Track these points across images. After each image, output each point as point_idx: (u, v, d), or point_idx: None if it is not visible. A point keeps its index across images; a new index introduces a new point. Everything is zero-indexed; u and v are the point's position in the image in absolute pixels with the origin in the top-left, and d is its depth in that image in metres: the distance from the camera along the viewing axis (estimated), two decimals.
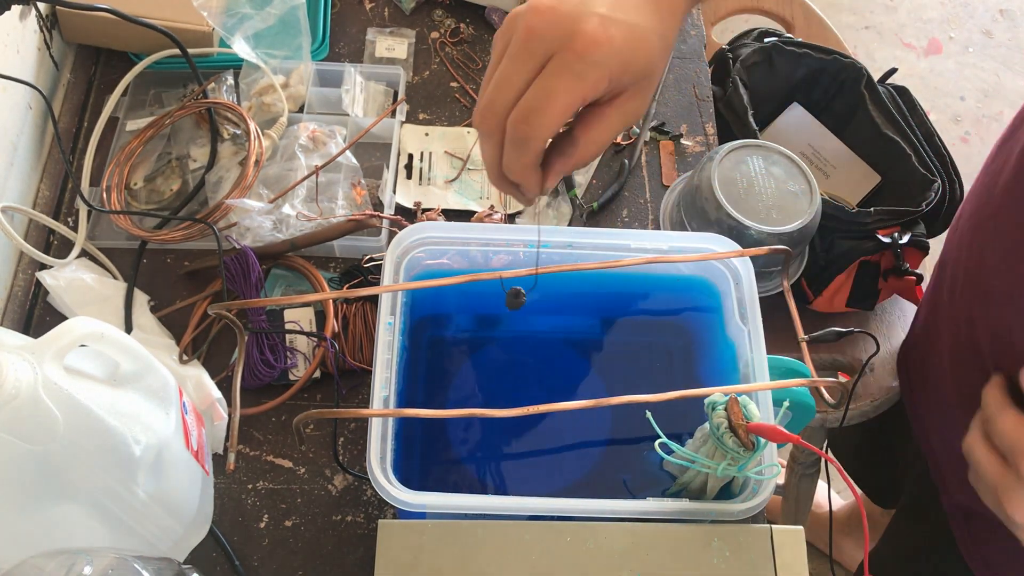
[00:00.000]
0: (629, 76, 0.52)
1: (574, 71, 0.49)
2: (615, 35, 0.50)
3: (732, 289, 0.77)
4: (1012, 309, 0.78)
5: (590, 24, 0.49)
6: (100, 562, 0.53)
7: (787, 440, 0.63)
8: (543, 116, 0.50)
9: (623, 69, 0.51)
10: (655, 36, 0.52)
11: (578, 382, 0.83)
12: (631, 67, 0.51)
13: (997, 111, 2.39)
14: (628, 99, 0.54)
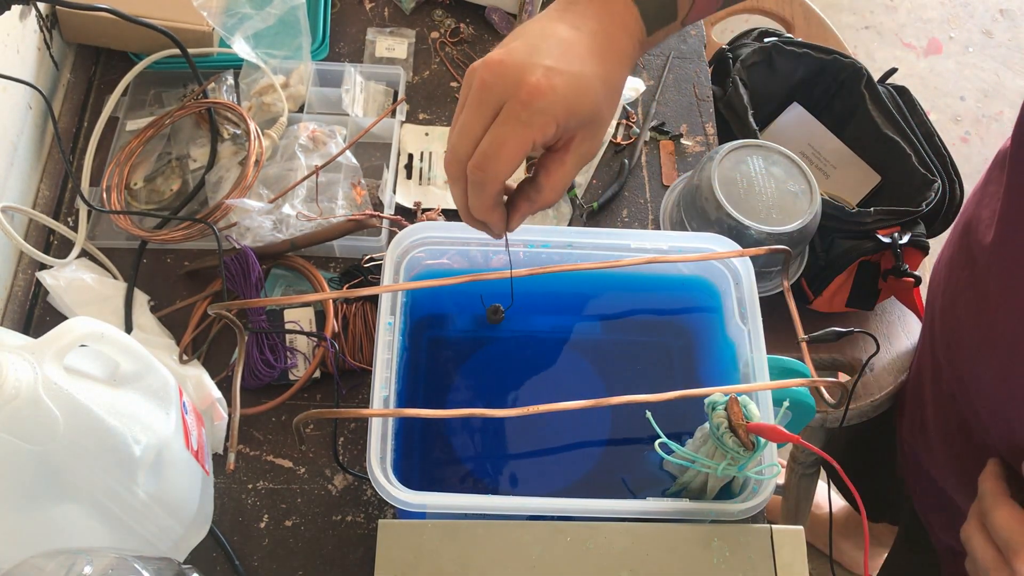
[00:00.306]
0: (576, 120, 0.56)
1: (521, 119, 0.54)
2: (558, 84, 0.54)
3: (732, 289, 0.77)
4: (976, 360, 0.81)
5: (534, 75, 0.54)
6: (100, 562, 0.53)
7: (787, 440, 0.63)
8: (496, 162, 0.55)
9: (569, 114, 0.55)
10: (599, 82, 0.56)
11: (578, 382, 0.83)
12: (577, 113, 0.55)
13: (997, 111, 2.39)
14: (580, 142, 0.58)
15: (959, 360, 0.86)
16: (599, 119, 0.58)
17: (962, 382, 0.86)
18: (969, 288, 0.83)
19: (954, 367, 0.88)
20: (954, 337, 0.87)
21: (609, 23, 0.58)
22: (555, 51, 0.55)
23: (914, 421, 1.04)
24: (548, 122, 0.54)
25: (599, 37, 0.57)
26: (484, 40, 1.12)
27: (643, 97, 1.08)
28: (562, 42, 0.56)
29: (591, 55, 0.56)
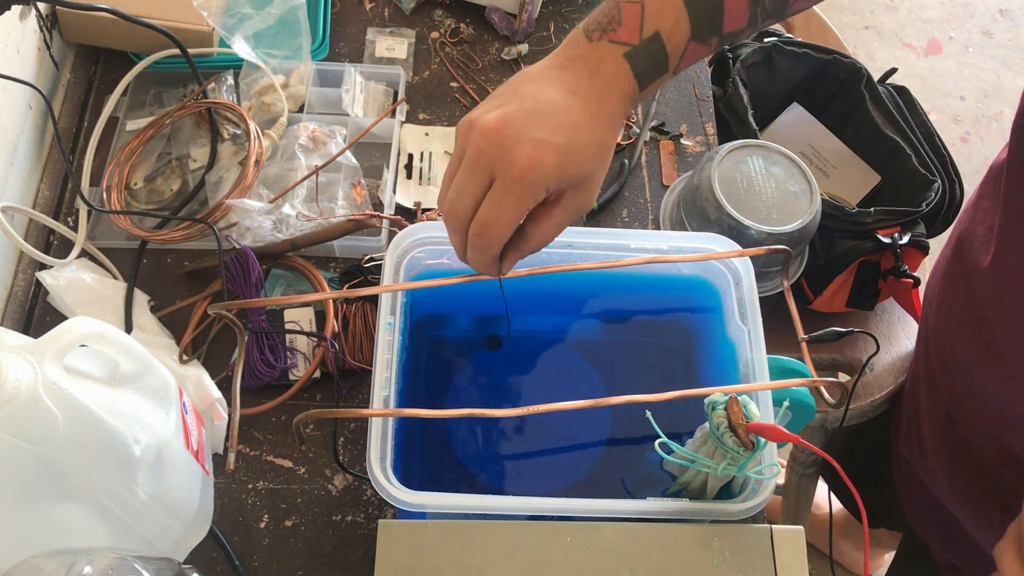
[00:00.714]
0: (566, 183, 0.59)
1: (513, 194, 0.57)
2: (547, 158, 0.57)
3: (732, 289, 0.77)
4: (972, 379, 0.81)
5: (524, 152, 0.57)
6: (100, 562, 0.53)
7: (787, 440, 0.63)
8: (494, 230, 0.59)
9: (559, 180, 0.58)
10: (589, 148, 0.59)
11: (578, 382, 0.83)
12: (567, 178, 0.59)
13: (997, 111, 2.39)
14: (571, 198, 0.61)
15: (955, 378, 0.86)
16: (589, 179, 0.61)
17: (958, 400, 0.86)
18: (965, 306, 0.83)
19: (950, 385, 0.87)
20: (950, 354, 0.87)
21: (602, 84, 0.60)
22: (547, 121, 0.58)
23: (911, 436, 1.03)
24: (539, 191, 0.58)
25: (592, 100, 0.59)
26: (484, 40, 1.12)
27: None
28: (556, 109, 0.58)
29: (583, 121, 0.59)
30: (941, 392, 0.90)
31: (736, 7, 0.61)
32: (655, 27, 0.60)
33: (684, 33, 0.60)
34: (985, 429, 0.83)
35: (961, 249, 0.85)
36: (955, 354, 0.85)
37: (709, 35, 0.61)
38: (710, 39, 0.62)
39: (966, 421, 0.86)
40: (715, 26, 0.61)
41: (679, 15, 0.60)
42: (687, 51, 0.61)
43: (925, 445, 0.97)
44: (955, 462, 0.90)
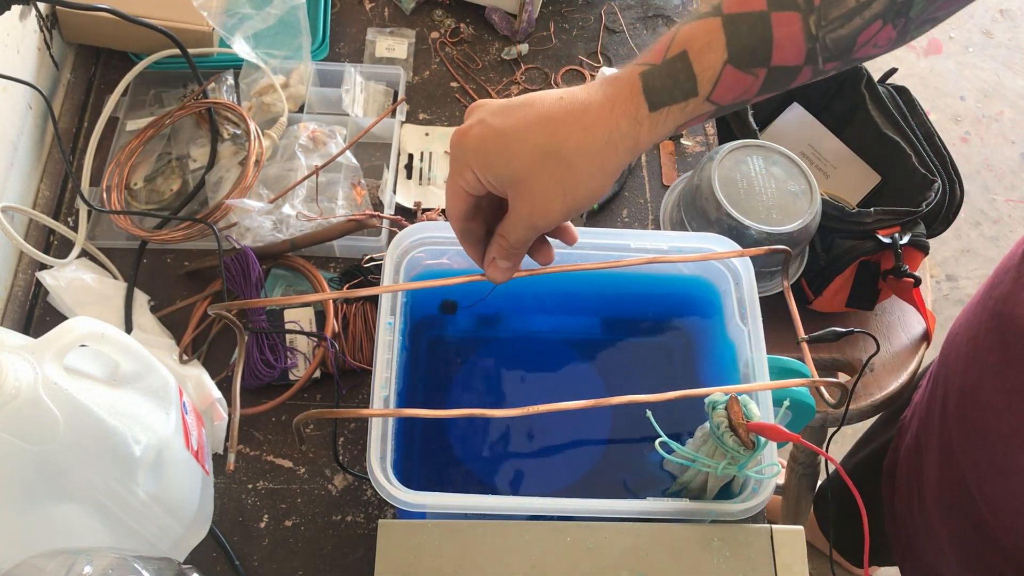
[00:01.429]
0: (493, 177, 0.56)
1: (450, 172, 0.58)
2: (472, 135, 0.56)
3: (732, 289, 0.77)
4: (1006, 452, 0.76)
5: (466, 123, 0.57)
6: (100, 562, 0.53)
7: (787, 439, 0.63)
8: (447, 203, 0.60)
9: (482, 167, 0.56)
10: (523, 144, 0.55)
11: (578, 382, 0.83)
12: (490, 168, 0.56)
13: (997, 111, 2.39)
14: (513, 203, 0.57)
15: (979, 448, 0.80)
16: (525, 186, 0.55)
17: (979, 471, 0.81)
18: (998, 375, 0.76)
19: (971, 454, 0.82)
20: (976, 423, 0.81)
21: (599, 96, 0.55)
22: (510, 110, 0.56)
23: (911, 493, 0.98)
24: (463, 169, 0.57)
25: (571, 108, 0.55)
26: (484, 40, 1.12)
27: None
28: (527, 103, 0.56)
29: (540, 120, 0.55)
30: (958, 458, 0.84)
31: (788, 39, 0.54)
32: (683, 46, 0.55)
33: (718, 54, 0.54)
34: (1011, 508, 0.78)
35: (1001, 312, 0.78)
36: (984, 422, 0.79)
37: (752, 63, 0.55)
38: (754, 67, 0.55)
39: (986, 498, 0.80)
40: (761, 55, 0.54)
41: (713, 35, 0.54)
42: (723, 75, 0.55)
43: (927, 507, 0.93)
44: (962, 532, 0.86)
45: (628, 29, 1.15)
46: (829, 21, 0.54)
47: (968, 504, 0.83)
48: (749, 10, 0.54)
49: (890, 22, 0.55)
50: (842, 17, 0.54)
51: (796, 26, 0.54)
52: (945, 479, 0.88)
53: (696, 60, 0.54)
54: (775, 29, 0.54)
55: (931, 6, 0.55)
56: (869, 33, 0.55)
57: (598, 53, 1.12)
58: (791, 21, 0.54)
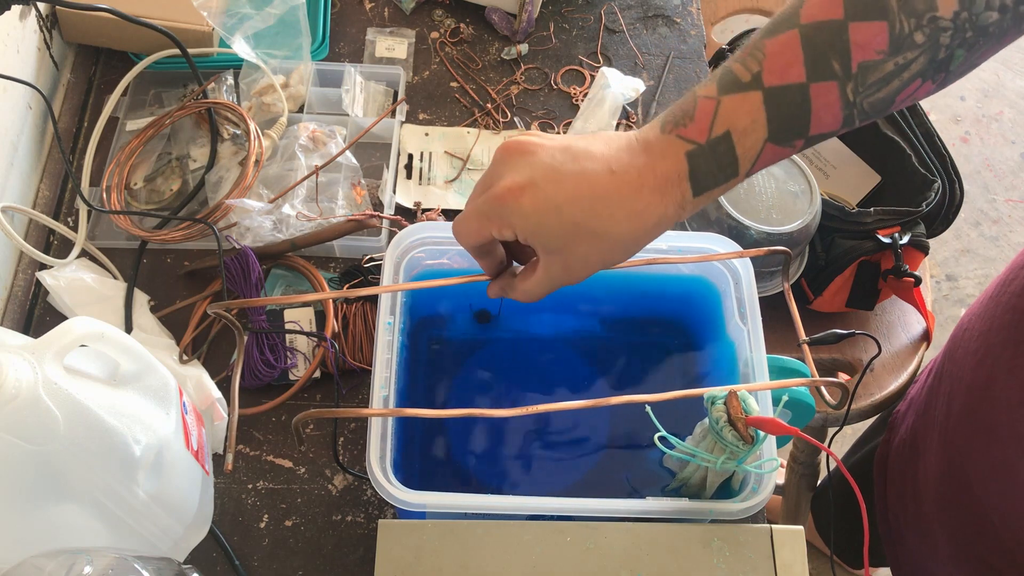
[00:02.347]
0: (540, 241, 0.56)
1: (480, 210, 0.57)
2: (525, 204, 0.55)
3: (732, 289, 0.77)
4: (1017, 450, 0.75)
5: (510, 179, 0.55)
6: (100, 562, 0.53)
7: (786, 432, 0.62)
8: (458, 231, 0.59)
9: (528, 233, 0.56)
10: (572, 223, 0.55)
11: (578, 382, 0.83)
12: (537, 236, 0.56)
13: (997, 111, 2.39)
14: (548, 265, 0.58)
15: (987, 446, 0.79)
16: (566, 254, 0.56)
17: (986, 470, 0.79)
18: (1011, 371, 0.76)
19: (978, 452, 0.80)
20: (985, 420, 0.79)
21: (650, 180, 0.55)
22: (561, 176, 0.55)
23: (904, 489, 0.97)
24: (504, 226, 0.56)
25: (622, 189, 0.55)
26: (484, 40, 1.12)
27: (643, 97, 1.08)
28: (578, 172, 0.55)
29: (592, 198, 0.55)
30: (962, 461, 0.83)
31: (827, 109, 0.54)
32: (726, 126, 0.54)
33: (759, 134, 0.54)
34: (1018, 508, 0.76)
35: (1016, 308, 0.77)
36: (996, 419, 0.78)
37: (791, 137, 0.55)
38: (793, 141, 0.55)
39: (992, 497, 0.79)
40: (799, 128, 0.55)
41: (756, 115, 0.54)
42: (763, 154, 0.55)
43: (923, 504, 0.92)
44: (962, 531, 0.85)
45: (628, 29, 1.15)
46: (867, 87, 0.53)
47: (970, 502, 0.83)
48: (789, 83, 0.53)
49: (930, 78, 0.54)
50: (880, 81, 0.53)
51: (834, 95, 0.53)
52: (946, 477, 0.87)
53: (739, 142, 0.54)
54: (814, 100, 0.53)
55: (972, 56, 0.53)
56: (908, 92, 0.54)
57: (598, 53, 1.12)
58: (829, 91, 0.53)
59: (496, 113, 1.06)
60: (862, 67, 0.52)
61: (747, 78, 0.54)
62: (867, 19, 0.52)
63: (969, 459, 0.82)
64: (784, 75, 0.53)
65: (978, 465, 0.81)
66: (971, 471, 0.82)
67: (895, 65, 0.53)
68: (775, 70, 0.53)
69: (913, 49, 0.52)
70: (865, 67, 0.53)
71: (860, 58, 0.52)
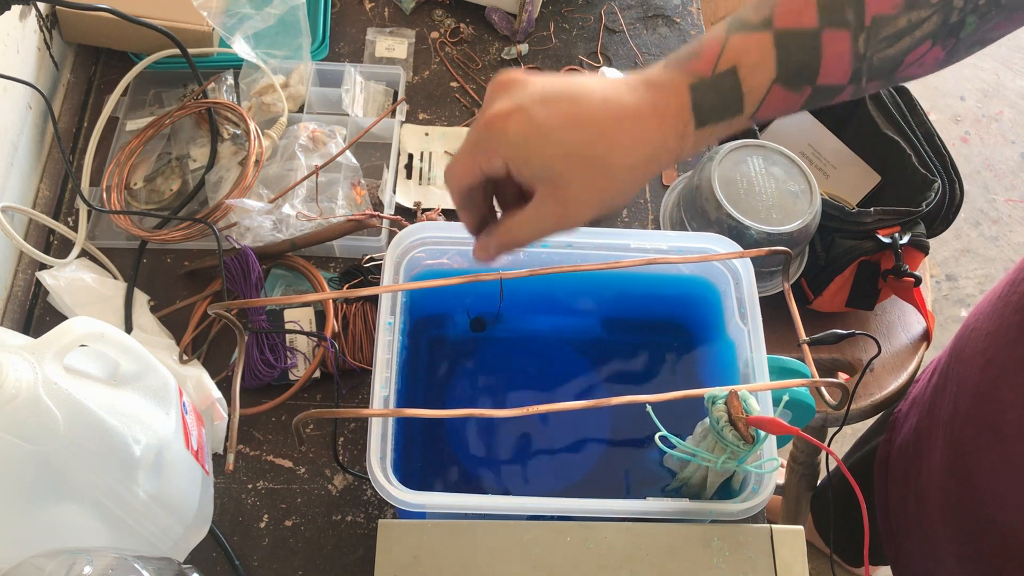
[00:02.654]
0: (527, 171, 0.53)
1: (469, 143, 0.54)
2: (511, 126, 0.52)
3: (732, 289, 0.77)
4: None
5: (501, 106, 0.53)
6: (100, 562, 0.53)
7: (786, 432, 0.62)
8: (449, 174, 0.56)
9: (517, 160, 0.53)
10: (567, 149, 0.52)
11: (578, 382, 0.83)
12: (527, 163, 0.53)
13: (997, 111, 2.39)
14: (540, 201, 0.54)
15: (994, 445, 0.78)
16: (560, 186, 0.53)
17: (992, 470, 0.79)
18: (1021, 371, 0.75)
19: (984, 452, 0.79)
20: (992, 420, 0.79)
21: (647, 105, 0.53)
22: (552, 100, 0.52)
23: (906, 489, 0.96)
24: (492, 155, 0.53)
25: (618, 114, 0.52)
26: (484, 40, 1.12)
27: None
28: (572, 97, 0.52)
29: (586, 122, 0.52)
30: (966, 461, 0.82)
31: (837, 57, 0.53)
32: (733, 62, 0.53)
33: (768, 74, 0.53)
34: (1009, 466, 0.76)
35: (1014, 286, 0.77)
36: (1000, 423, 0.77)
37: (800, 81, 0.54)
38: (801, 86, 0.54)
39: (999, 497, 0.78)
40: (809, 74, 0.54)
41: (765, 53, 0.53)
42: (770, 94, 0.54)
43: (926, 505, 0.91)
44: (967, 531, 0.84)
45: (628, 29, 1.15)
46: (879, 40, 0.53)
47: (975, 503, 0.82)
48: (802, 27, 0.52)
49: (940, 43, 0.54)
50: (892, 36, 0.53)
51: (846, 44, 0.53)
52: (951, 476, 0.86)
53: (746, 79, 0.53)
54: (825, 47, 0.53)
55: (985, 26, 0.53)
56: (918, 53, 0.54)
57: (598, 53, 1.12)
58: (842, 39, 0.53)
59: None
60: (876, 20, 0.52)
61: (757, 20, 0.53)
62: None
63: (975, 459, 0.82)
64: (797, 19, 0.53)
65: (984, 465, 0.81)
66: (976, 471, 0.81)
67: (908, 22, 0.52)
68: (787, 14, 0.53)
69: (927, 7, 0.52)
70: (879, 20, 0.52)
71: (875, 10, 0.52)
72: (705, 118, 0.54)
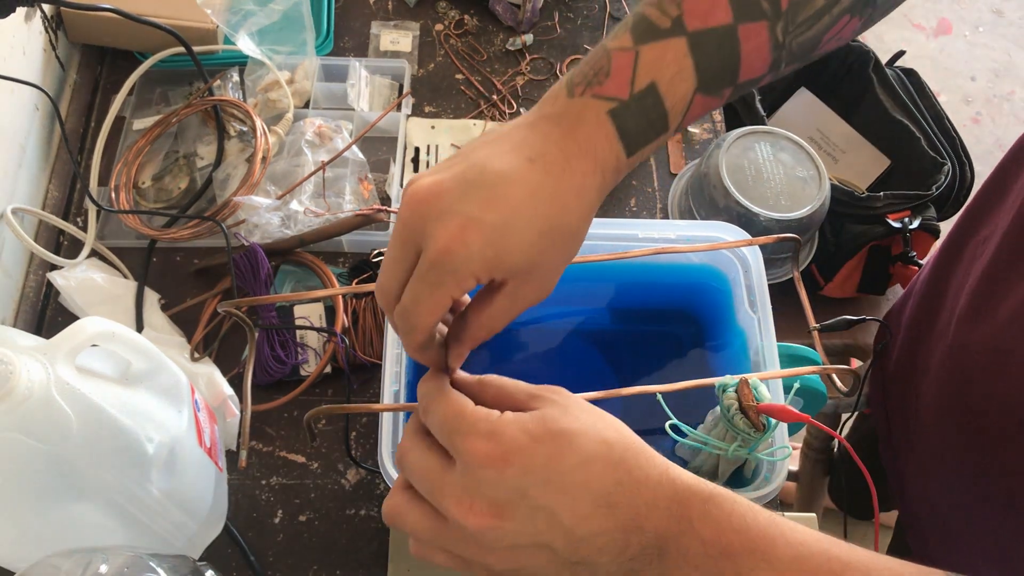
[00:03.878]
0: (502, 271, 0.48)
1: (430, 280, 0.47)
2: (473, 240, 0.46)
3: (741, 277, 0.76)
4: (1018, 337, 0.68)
5: (448, 228, 0.46)
6: (115, 560, 0.53)
7: (797, 419, 0.62)
8: (414, 317, 0.49)
9: (490, 269, 0.48)
10: (533, 232, 0.47)
11: (588, 373, 0.82)
12: (500, 266, 0.48)
13: (1008, 90, 2.37)
14: (515, 288, 0.50)
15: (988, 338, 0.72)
16: (536, 269, 0.49)
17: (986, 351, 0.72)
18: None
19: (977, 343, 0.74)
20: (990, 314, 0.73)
21: (573, 149, 0.48)
22: (486, 194, 0.47)
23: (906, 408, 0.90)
24: (463, 279, 0.47)
25: (553, 170, 0.48)
26: (488, 31, 1.11)
27: None
28: (501, 180, 0.47)
29: (532, 196, 0.47)
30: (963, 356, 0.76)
31: (756, 53, 0.50)
32: (651, 77, 0.49)
33: (688, 84, 0.49)
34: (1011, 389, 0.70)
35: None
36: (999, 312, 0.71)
37: (721, 85, 0.51)
38: (722, 90, 0.51)
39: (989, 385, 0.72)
40: (729, 75, 0.51)
41: (682, 63, 0.49)
42: (692, 105, 0.50)
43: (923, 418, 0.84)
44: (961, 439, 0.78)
45: None
46: (797, 25, 0.50)
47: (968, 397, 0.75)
48: (715, 25, 0.49)
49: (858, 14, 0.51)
50: (810, 19, 0.50)
51: (763, 36, 0.50)
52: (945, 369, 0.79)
53: (667, 94, 0.49)
54: (743, 43, 0.49)
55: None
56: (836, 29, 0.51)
57: None
58: (759, 32, 0.49)
59: (502, 104, 1.06)
60: (792, 4, 0.49)
61: (666, 24, 0.49)
62: None
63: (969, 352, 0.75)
64: (708, 17, 0.49)
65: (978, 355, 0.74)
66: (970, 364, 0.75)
67: (825, 1, 0.50)
68: (697, 12, 0.49)
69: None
70: (796, 3, 0.49)
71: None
72: (634, 145, 0.50)
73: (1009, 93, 2.37)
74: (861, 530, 1.37)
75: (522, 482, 0.45)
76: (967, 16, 2.52)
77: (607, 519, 0.45)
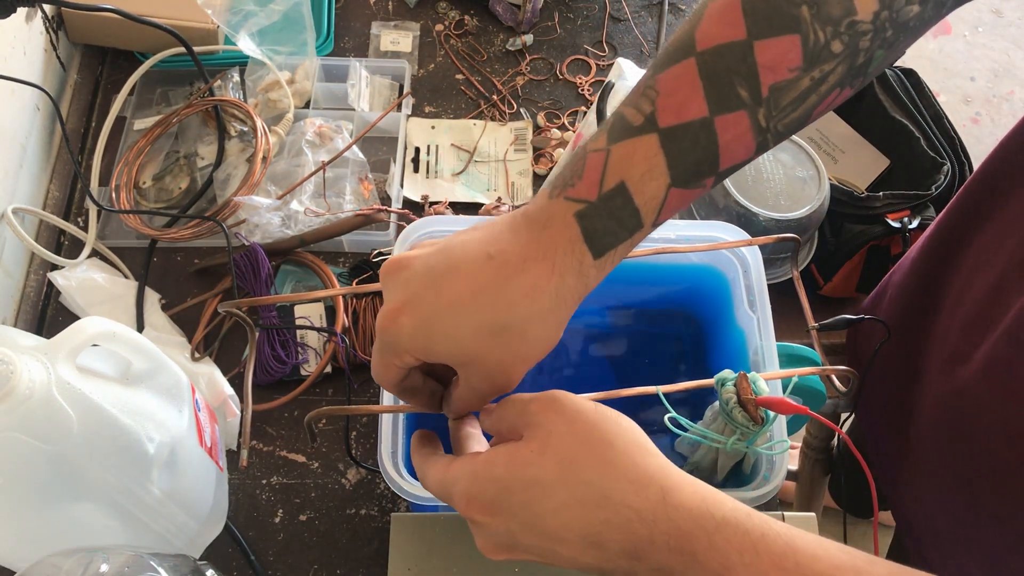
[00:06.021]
0: (435, 357, 0.49)
1: (377, 347, 0.50)
2: (404, 322, 0.48)
3: (741, 277, 0.77)
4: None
5: (390, 303, 0.49)
6: (116, 560, 0.53)
7: (795, 411, 0.62)
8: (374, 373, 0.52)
9: (422, 350, 0.49)
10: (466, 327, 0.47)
11: (588, 373, 0.83)
12: (431, 350, 0.49)
13: (1008, 91, 2.37)
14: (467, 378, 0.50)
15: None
16: (477, 362, 0.49)
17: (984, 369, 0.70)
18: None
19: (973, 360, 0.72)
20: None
21: (532, 252, 0.48)
22: (436, 279, 0.48)
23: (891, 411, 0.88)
24: (400, 354, 0.49)
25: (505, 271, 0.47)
26: (488, 31, 1.12)
27: None
28: (454, 270, 0.48)
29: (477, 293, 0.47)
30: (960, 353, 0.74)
31: (737, 142, 0.48)
32: (620, 177, 0.47)
33: (660, 181, 0.48)
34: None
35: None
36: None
37: (699, 177, 0.49)
38: (702, 180, 0.49)
39: (983, 396, 0.71)
40: (708, 166, 0.49)
41: (653, 160, 0.47)
42: (668, 200, 0.48)
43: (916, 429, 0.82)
44: (954, 451, 0.76)
45: (633, 17, 1.14)
46: (780, 109, 0.48)
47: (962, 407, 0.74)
48: (690, 119, 0.47)
49: (848, 85, 0.49)
50: (795, 100, 0.48)
51: (744, 125, 0.48)
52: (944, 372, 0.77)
53: (637, 193, 0.48)
54: (720, 135, 0.47)
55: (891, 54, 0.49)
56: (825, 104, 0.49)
57: (603, 42, 1.12)
58: (738, 121, 0.47)
59: (502, 104, 1.06)
60: (774, 89, 0.47)
61: (639, 120, 0.48)
62: (775, 34, 0.46)
63: (970, 363, 0.73)
64: (682, 112, 0.47)
65: (977, 365, 0.72)
66: (968, 376, 0.73)
67: (811, 80, 0.47)
68: (670, 108, 0.47)
69: (831, 60, 0.47)
70: (777, 89, 0.47)
71: (771, 80, 0.47)
72: (602, 246, 0.49)
73: (1008, 93, 2.37)
74: (861, 529, 1.38)
75: (509, 527, 0.47)
76: (966, 16, 2.52)
77: (600, 554, 0.46)
